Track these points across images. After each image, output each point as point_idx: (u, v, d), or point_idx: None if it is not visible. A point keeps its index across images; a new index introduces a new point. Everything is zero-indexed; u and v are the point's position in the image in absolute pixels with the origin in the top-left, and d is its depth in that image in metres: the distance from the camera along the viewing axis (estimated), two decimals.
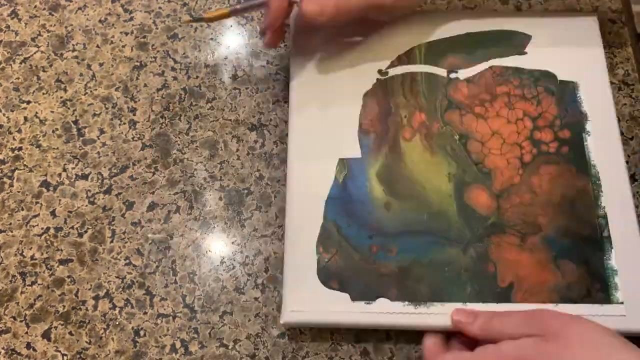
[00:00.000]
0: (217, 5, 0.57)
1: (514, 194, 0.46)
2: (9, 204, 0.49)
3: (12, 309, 0.46)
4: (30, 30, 0.56)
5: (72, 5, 0.57)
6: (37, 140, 0.51)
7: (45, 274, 0.47)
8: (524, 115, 0.48)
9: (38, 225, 0.48)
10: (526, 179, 0.46)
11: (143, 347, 0.45)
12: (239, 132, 0.51)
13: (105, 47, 0.55)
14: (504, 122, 0.48)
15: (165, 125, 0.52)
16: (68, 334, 0.45)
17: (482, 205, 0.46)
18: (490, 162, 0.47)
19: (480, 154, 0.47)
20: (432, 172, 0.47)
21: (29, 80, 0.54)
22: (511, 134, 0.48)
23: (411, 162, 0.47)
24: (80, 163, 0.51)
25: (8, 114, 0.52)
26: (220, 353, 0.44)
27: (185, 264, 0.47)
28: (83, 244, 0.48)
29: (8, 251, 0.48)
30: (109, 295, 0.46)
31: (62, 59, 0.55)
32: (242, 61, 0.54)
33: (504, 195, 0.46)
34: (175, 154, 0.51)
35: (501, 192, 0.46)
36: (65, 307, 0.46)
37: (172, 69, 0.54)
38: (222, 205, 0.49)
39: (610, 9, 0.56)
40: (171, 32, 0.56)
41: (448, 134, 0.48)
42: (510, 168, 0.46)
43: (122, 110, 0.53)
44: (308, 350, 0.44)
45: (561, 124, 0.48)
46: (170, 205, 0.49)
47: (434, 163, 0.47)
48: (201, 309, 0.46)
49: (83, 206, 0.49)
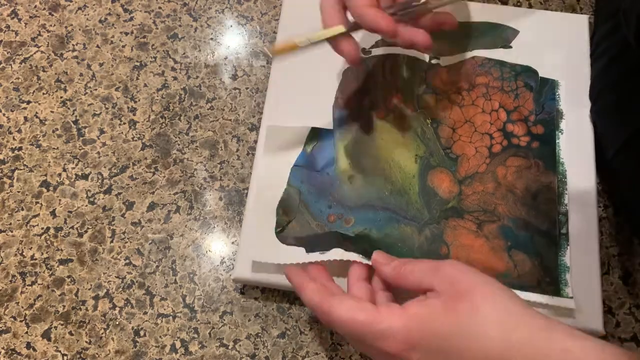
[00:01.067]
0: (217, 5, 0.57)
1: (478, 181, 0.47)
2: (9, 204, 0.49)
3: (12, 309, 0.46)
4: (30, 30, 0.56)
5: (72, 5, 0.57)
6: (37, 140, 0.51)
7: (45, 274, 0.47)
8: (500, 107, 0.49)
9: (38, 225, 0.48)
10: (492, 168, 0.47)
11: (143, 347, 0.45)
12: (239, 132, 0.51)
13: (105, 47, 0.55)
14: (478, 111, 0.49)
15: (165, 125, 0.52)
16: (68, 334, 0.45)
17: (444, 189, 0.46)
18: (459, 148, 0.48)
19: (450, 139, 0.48)
20: (400, 152, 0.48)
21: (29, 80, 0.54)
22: (484, 123, 0.49)
23: (381, 140, 0.48)
24: (80, 163, 0.51)
25: (8, 114, 0.52)
26: (220, 353, 0.44)
27: (185, 264, 0.47)
28: (83, 244, 0.48)
29: (8, 251, 0.48)
30: (109, 295, 0.46)
31: (62, 59, 0.55)
32: (242, 61, 0.54)
33: (467, 181, 0.47)
34: (175, 154, 0.51)
35: (465, 179, 0.47)
36: (65, 307, 0.46)
37: (172, 69, 0.54)
38: (222, 205, 0.49)
39: None
40: (171, 32, 0.56)
41: (421, 117, 0.49)
42: (478, 156, 0.47)
43: (122, 110, 0.53)
44: (308, 350, 0.44)
45: (535, 120, 0.49)
46: (170, 205, 0.49)
47: (403, 144, 0.48)
48: (201, 309, 0.46)
49: (83, 206, 0.49)
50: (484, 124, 0.49)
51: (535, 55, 0.51)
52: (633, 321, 0.45)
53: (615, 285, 0.46)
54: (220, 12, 0.57)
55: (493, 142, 0.48)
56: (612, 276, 0.47)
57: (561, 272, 0.43)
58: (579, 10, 0.55)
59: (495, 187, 0.46)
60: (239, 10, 0.57)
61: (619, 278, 0.46)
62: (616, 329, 0.45)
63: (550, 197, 0.46)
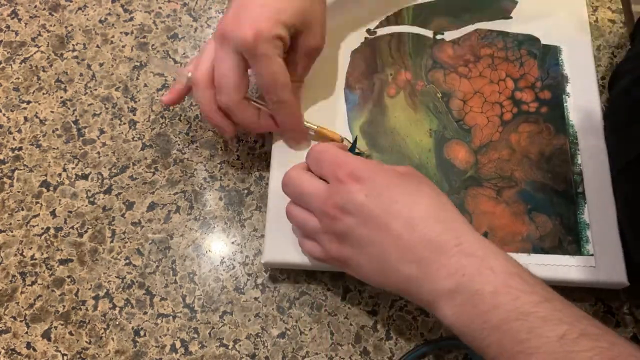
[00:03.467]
0: (217, 5, 0.57)
1: (493, 149, 0.47)
2: (9, 204, 0.49)
3: (12, 309, 0.46)
4: (30, 30, 0.56)
5: (72, 5, 0.57)
6: (37, 140, 0.51)
7: (45, 274, 0.47)
8: (506, 76, 0.50)
9: (38, 225, 0.48)
10: (505, 136, 0.48)
11: (143, 347, 0.45)
12: (238, 132, 0.51)
13: (105, 47, 0.55)
14: (486, 82, 0.50)
15: (165, 125, 0.52)
16: (68, 334, 0.45)
17: (460, 160, 0.47)
18: (471, 119, 0.49)
19: (462, 111, 0.49)
20: (414, 127, 0.48)
21: (29, 80, 0.54)
22: (493, 93, 0.50)
23: (394, 118, 0.49)
24: (80, 163, 0.51)
25: (8, 114, 0.52)
26: (220, 353, 0.44)
27: (185, 264, 0.47)
28: (83, 244, 0.48)
29: (8, 251, 0.48)
30: (109, 295, 0.46)
31: (62, 59, 0.55)
32: None
33: (483, 150, 0.47)
34: (175, 154, 0.51)
35: (480, 148, 0.48)
36: (65, 307, 0.46)
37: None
38: (222, 205, 0.49)
39: (610, 9, 0.56)
40: (171, 32, 0.56)
41: (431, 92, 0.50)
42: (490, 125, 0.48)
43: (122, 110, 0.53)
44: (308, 350, 0.44)
45: (542, 86, 0.50)
46: (170, 205, 0.49)
47: (416, 119, 0.49)
48: (201, 309, 0.46)
49: (83, 206, 0.49)
50: (493, 93, 0.50)
51: (535, 24, 0.52)
52: (633, 321, 0.45)
53: None
54: (220, 12, 0.57)
55: (503, 111, 0.49)
56: None
57: (581, 229, 0.44)
58: None
59: (510, 153, 0.47)
60: None
61: None
62: (616, 329, 0.45)
63: (564, 159, 0.47)
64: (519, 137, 0.48)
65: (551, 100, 0.49)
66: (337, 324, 0.45)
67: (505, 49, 0.51)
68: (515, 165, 0.47)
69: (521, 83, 0.50)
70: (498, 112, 0.49)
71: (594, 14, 0.56)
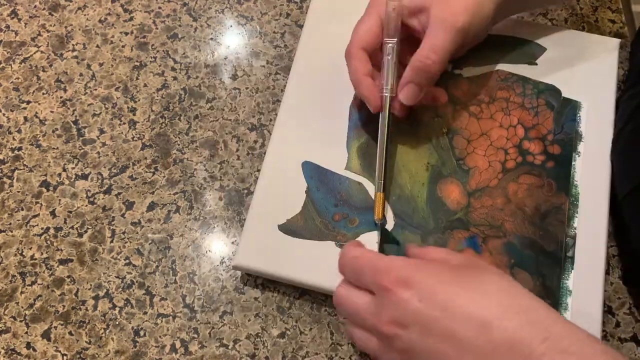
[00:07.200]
0: (217, 5, 0.57)
1: (487, 195, 0.46)
2: (9, 204, 0.49)
3: (12, 309, 0.46)
4: (30, 30, 0.56)
5: (72, 5, 0.57)
6: (37, 140, 0.51)
7: (45, 274, 0.47)
8: (518, 123, 0.49)
9: (38, 225, 0.48)
10: (503, 184, 0.46)
11: (143, 347, 0.45)
12: (239, 132, 0.51)
13: (105, 47, 0.55)
14: (496, 125, 0.49)
15: (165, 125, 0.52)
16: (68, 334, 0.45)
17: (452, 200, 0.46)
18: (472, 160, 0.47)
19: (464, 151, 0.48)
20: (413, 158, 0.48)
21: (29, 80, 0.54)
22: (500, 138, 0.48)
23: (394, 145, 0.48)
24: (80, 163, 0.51)
25: (8, 114, 0.52)
26: (220, 353, 0.44)
27: (185, 264, 0.47)
28: (83, 244, 0.48)
29: (8, 251, 0.48)
30: (108, 295, 0.46)
31: (62, 59, 0.55)
32: (242, 61, 0.54)
33: (477, 194, 0.46)
34: (175, 154, 0.51)
35: (475, 191, 0.46)
36: (65, 307, 0.46)
37: (172, 69, 0.54)
38: (222, 205, 0.49)
39: (610, 9, 0.56)
40: (171, 32, 0.56)
41: (437, 126, 0.49)
42: (490, 170, 0.47)
43: (122, 110, 0.53)
44: (308, 350, 0.44)
45: (553, 139, 0.48)
46: (170, 205, 0.49)
47: (416, 150, 0.48)
48: (201, 309, 0.46)
49: (83, 206, 0.49)
50: (500, 138, 0.48)
51: (560, 75, 0.50)
52: (633, 321, 0.45)
53: (615, 285, 0.46)
54: (220, 12, 0.57)
55: (507, 158, 0.47)
56: (612, 276, 0.47)
57: (562, 295, 0.43)
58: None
59: (504, 202, 0.46)
60: (239, 10, 0.57)
61: (619, 278, 0.46)
62: (616, 329, 0.45)
63: (560, 219, 0.45)
64: (517, 187, 0.46)
65: (560, 156, 0.47)
66: (337, 324, 0.45)
67: (523, 95, 0.49)
68: (507, 216, 0.45)
69: (532, 133, 0.48)
70: (501, 158, 0.47)
71: (594, 14, 0.56)
